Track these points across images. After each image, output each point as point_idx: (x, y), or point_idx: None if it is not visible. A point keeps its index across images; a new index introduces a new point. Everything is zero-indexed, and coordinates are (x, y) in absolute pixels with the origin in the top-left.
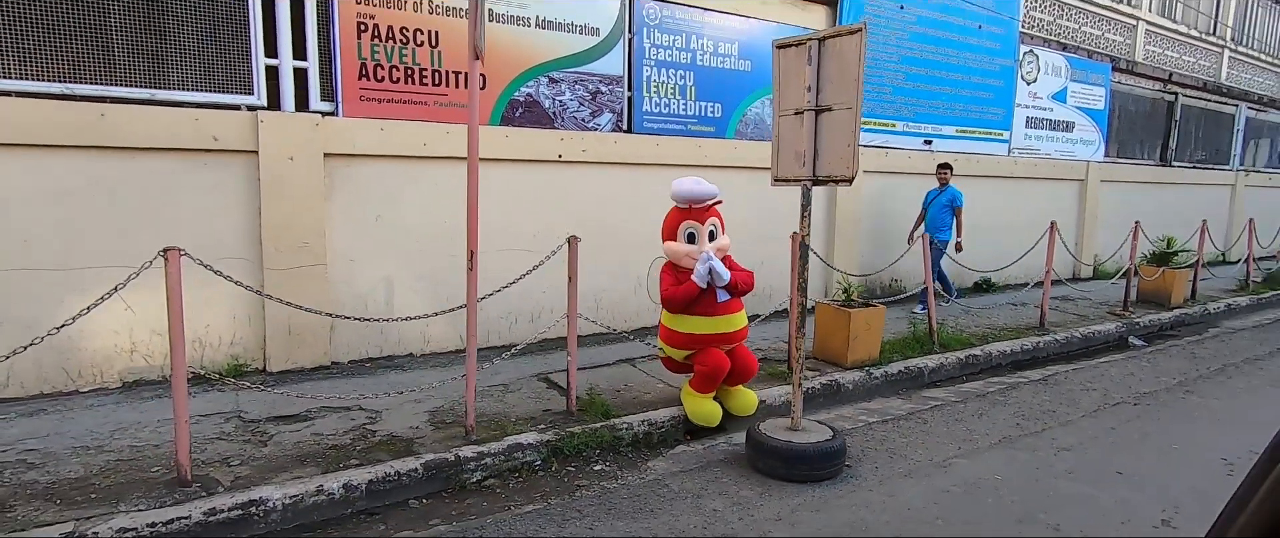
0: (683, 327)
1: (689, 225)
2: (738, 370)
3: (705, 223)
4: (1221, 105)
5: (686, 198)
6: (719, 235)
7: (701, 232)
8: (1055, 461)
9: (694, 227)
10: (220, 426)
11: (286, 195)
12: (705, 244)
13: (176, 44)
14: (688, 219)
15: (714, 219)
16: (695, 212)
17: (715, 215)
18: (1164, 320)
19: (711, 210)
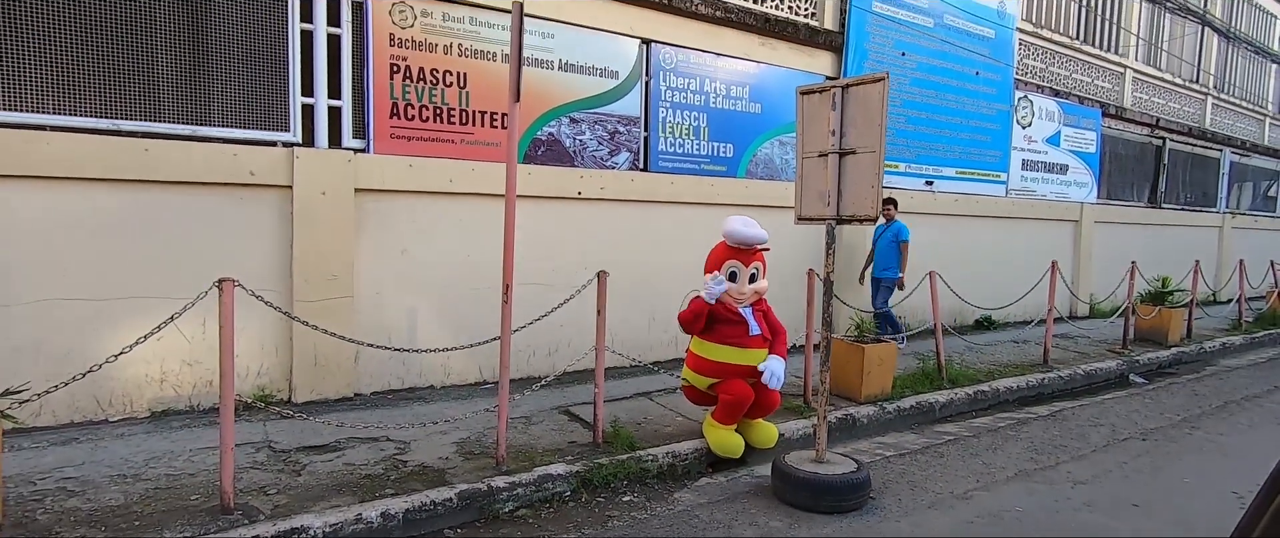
0: (711, 355)
1: (733, 264)
2: (760, 403)
3: (749, 265)
4: (1207, 150)
5: (740, 239)
6: (760, 278)
7: (744, 273)
8: (1072, 493)
9: (737, 266)
10: (252, 455)
11: (318, 229)
12: (745, 285)
13: (218, 83)
14: (734, 259)
15: (758, 263)
16: (743, 253)
17: (760, 259)
18: (1163, 358)
19: (758, 254)
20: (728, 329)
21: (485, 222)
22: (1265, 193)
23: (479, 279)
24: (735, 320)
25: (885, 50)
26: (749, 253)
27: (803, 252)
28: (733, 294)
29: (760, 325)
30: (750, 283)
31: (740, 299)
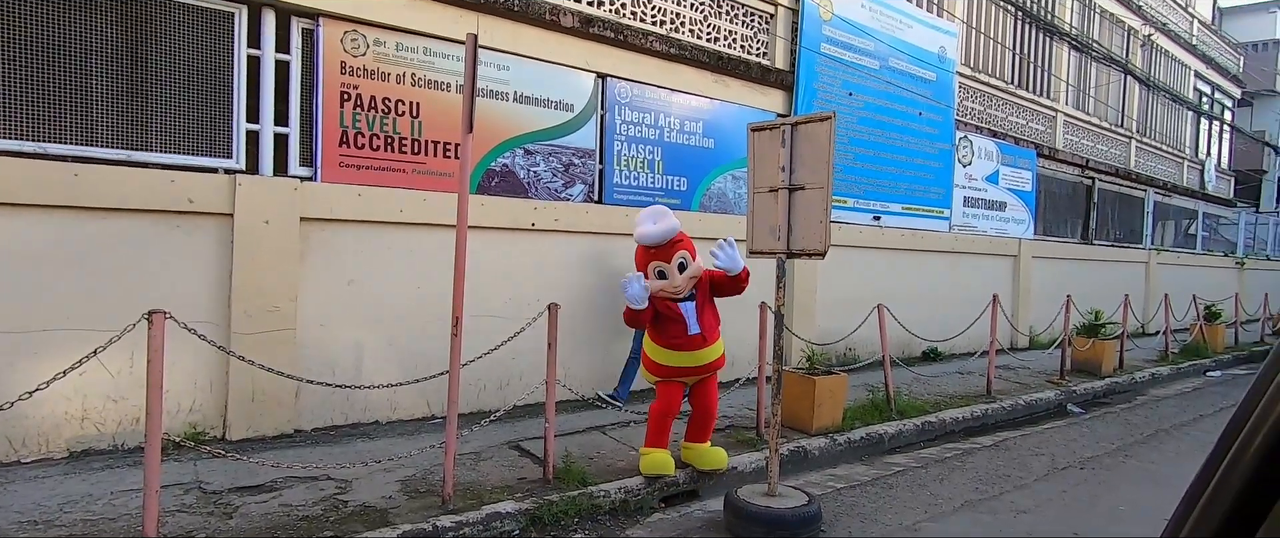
0: (653, 355)
1: (657, 265)
2: (698, 413)
3: (672, 259)
4: (1132, 189)
5: (651, 240)
6: (690, 264)
7: (670, 268)
8: (1015, 523)
9: (661, 265)
10: (179, 497)
11: (260, 259)
12: (677, 278)
13: (157, 107)
14: (655, 260)
15: (682, 252)
16: (661, 250)
17: (684, 247)
18: (1097, 388)
19: (678, 244)
20: (670, 327)
21: (436, 253)
22: (1186, 231)
23: (428, 312)
24: (675, 319)
25: (833, 90)
26: (668, 247)
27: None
28: (669, 291)
29: (703, 321)
30: (682, 273)
31: (678, 293)
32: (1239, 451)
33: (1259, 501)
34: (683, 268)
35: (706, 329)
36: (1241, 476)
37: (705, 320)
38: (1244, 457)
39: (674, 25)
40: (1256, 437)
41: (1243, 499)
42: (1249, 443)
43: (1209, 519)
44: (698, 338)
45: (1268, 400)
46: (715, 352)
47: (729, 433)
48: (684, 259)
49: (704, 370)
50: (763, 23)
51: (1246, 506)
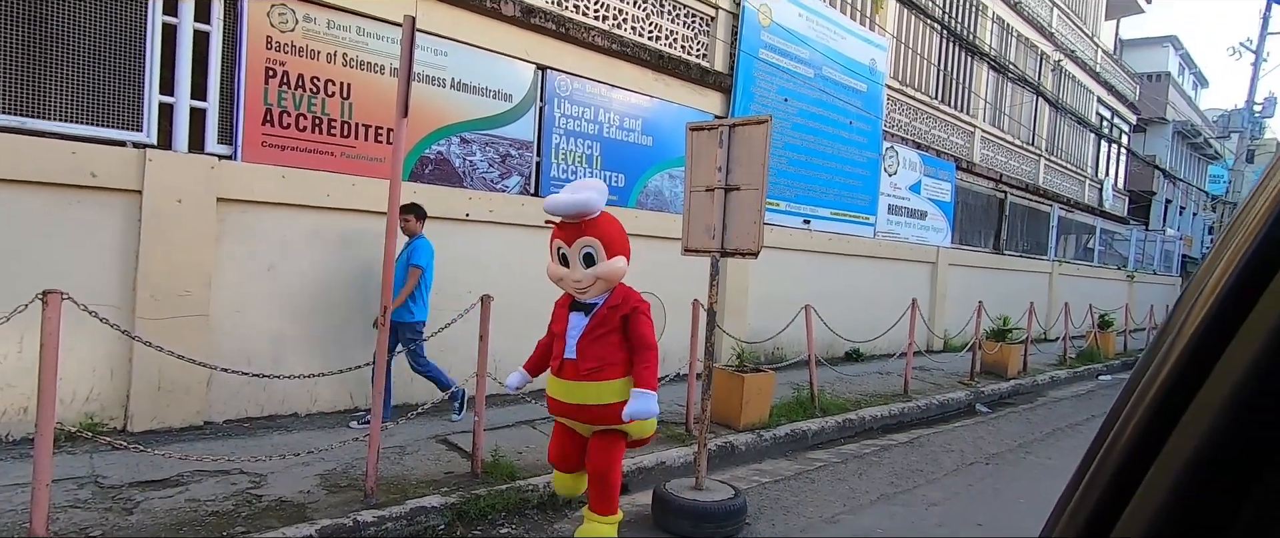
0: None
1: (557, 244)
2: (588, 471)
3: (574, 244)
4: (1040, 204)
5: (554, 210)
6: (601, 260)
7: (572, 254)
8: (927, 515)
9: (562, 247)
10: (73, 492)
11: (171, 240)
12: (579, 270)
13: (59, 71)
14: (557, 237)
15: (591, 240)
16: (565, 228)
17: (594, 235)
18: (1003, 390)
19: (587, 228)
20: (554, 341)
21: (364, 239)
22: (1085, 245)
23: (354, 301)
24: (558, 333)
25: (770, 95)
26: (574, 228)
27: (688, 283)
28: (569, 284)
29: (587, 348)
30: (588, 267)
31: (581, 293)
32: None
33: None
34: (590, 262)
35: (585, 358)
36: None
37: (590, 349)
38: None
39: (616, 21)
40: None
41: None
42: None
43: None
44: (569, 366)
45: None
46: (591, 393)
47: (659, 428)
48: (592, 251)
49: (577, 414)
50: (704, 25)
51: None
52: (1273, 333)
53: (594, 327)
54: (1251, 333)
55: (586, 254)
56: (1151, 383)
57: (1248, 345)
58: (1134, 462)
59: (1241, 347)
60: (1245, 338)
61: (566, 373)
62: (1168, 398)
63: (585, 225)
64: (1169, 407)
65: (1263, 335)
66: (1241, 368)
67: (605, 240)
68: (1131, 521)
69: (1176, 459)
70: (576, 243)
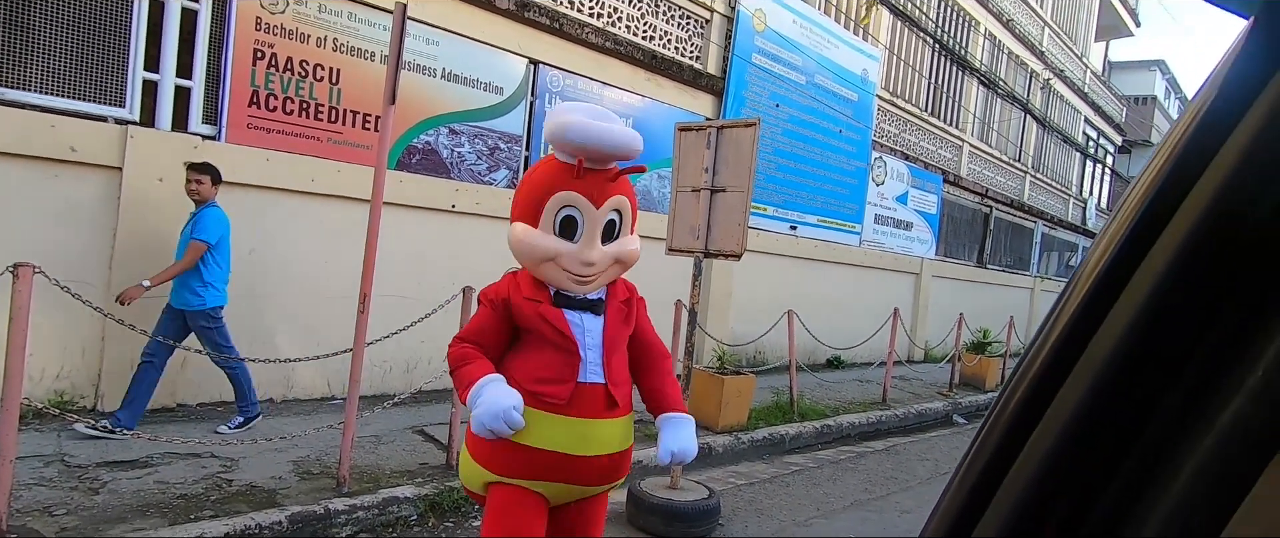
0: None
1: (567, 200)
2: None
3: (602, 204)
4: (1024, 220)
5: (586, 143)
6: (626, 231)
7: (591, 218)
8: (899, 521)
9: (576, 205)
10: (38, 470)
11: (150, 219)
12: (595, 247)
13: (40, 42)
14: (569, 189)
15: (623, 201)
16: (589, 178)
17: (628, 193)
18: (981, 402)
19: (620, 182)
20: (540, 357)
21: (347, 227)
22: (1067, 262)
23: (334, 287)
24: (556, 342)
25: (761, 100)
26: (601, 179)
27: (671, 283)
28: (570, 267)
29: (613, 367)
30: (610, 241)
31: (589, 277)
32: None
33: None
34: (613, 229)
35: (615, 380)
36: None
37: (614, 363)
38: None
39: (611, 19)
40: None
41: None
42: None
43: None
44: (594, 396)
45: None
46: (622, 435)
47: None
48: (618, 216)
49: (594, 473)
50: (698, 27)
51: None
52: (1128, 333)
53: (615, 331)
54: (1109, 333)
55: (610, 221)
56: (1021, 383)
57: (1105, 345)
58: (999, 461)
59: (1099, 346)
60: (1102, 338)
61: (591, 408)
62: (1032, 397)
63: (623, 178)
64: (1033, 406)
65: (1118, 335)
66: (1099, 366)
67: (633, 208)
68: (992, 518)
69: (1035, 457)
70: (606, 203)
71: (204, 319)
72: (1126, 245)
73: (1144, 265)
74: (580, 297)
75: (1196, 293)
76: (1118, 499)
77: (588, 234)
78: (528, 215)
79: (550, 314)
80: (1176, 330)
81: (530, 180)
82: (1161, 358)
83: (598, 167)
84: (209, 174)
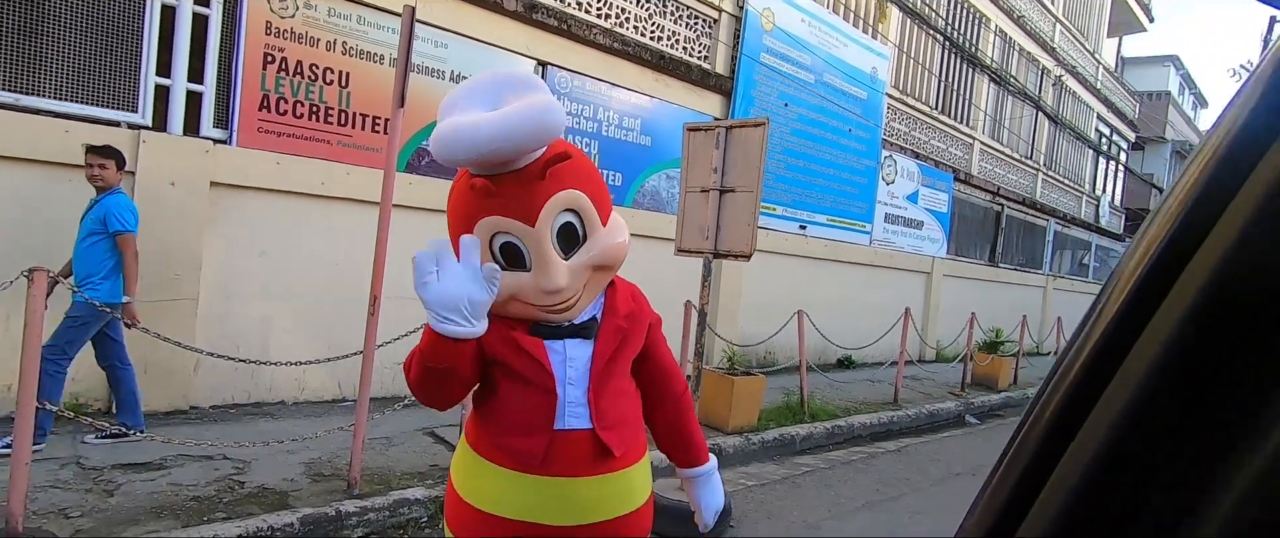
0: (467, 480)
1: (495, 226)
2: None
3: (539, 217)
4: (1036, 219)
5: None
6: (595, 228)
7: (534, 239)
8: (910, 523)
9: (507, 230)
10: (54, 472)
11: (162, 223)
12: (555, 265)
13: (53, 49)
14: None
15: (574, 196)
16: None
17: (576, 184)
18: (993, 402)
19: (555, 174)
20: (515, 401)
21: (356, 230)
22: (1080, 261)
23: (344, 290)
24: (529, 381)
25: (770, 99)
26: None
27: (680, 283)
28: (535, 301)
29: (604, 402)
30: (575, 249)
31: (568, 299)
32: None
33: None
34: (575, 234)
35: (608, 423)
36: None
37: (613, 405)
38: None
39: (619, 20)
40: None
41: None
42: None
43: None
44: (580, 443)
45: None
46: (624, 492)
47: None
48: (575, 220)
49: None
50: (706, 27)
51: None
52: (1177, 330)
53: (606, 358)
54: (1156, 331)
55: (565, 227)
56: (1063, 380)
57: (1152, 343)
58: (1043, 459)
59: (1147, 344)
60: (1151, 336)
61: (573, 462)
62: (1077, 394)
63: (553, 172)
64: (1078, 403)
65: (1167, 333)
66: (1146, 365)
67: (593, 194)
68: (1038, 518)
69: (1082, 456)
70: (543, 212)
71: (84, 309)
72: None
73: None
74: (565, 325)
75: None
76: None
77: (538, 258)
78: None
79: (526, 342)
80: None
81: (452, 210)
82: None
83: (507, 170)
84: (113, 158)
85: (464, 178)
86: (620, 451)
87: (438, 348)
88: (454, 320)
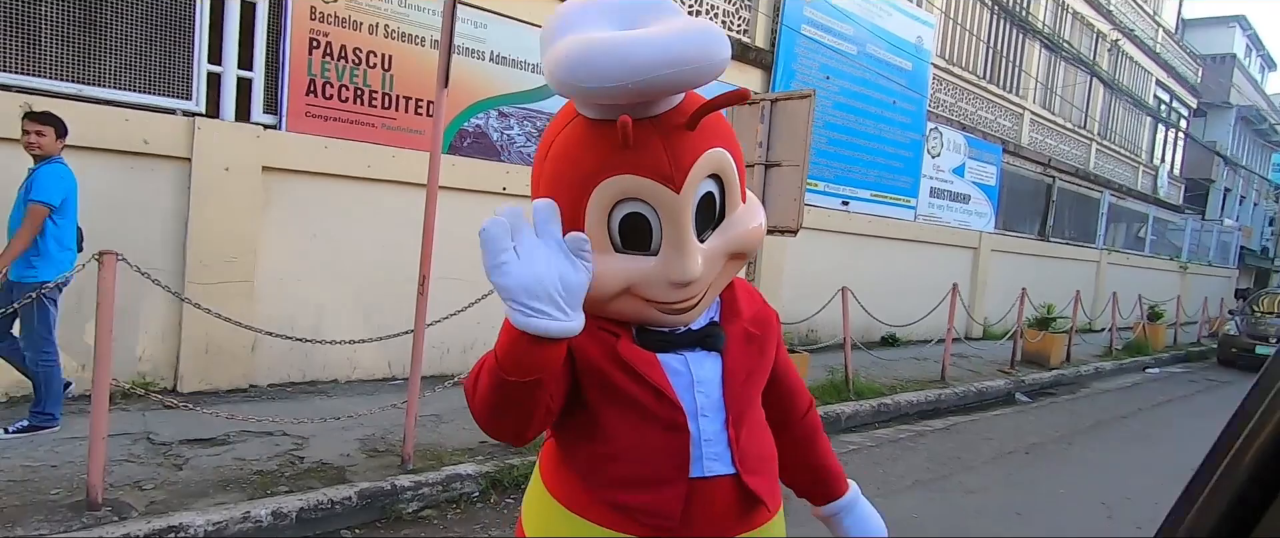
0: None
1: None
2: None
3: (686, 179)
4: (1090, 190)
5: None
6: (734, 205)
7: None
8: (964, 502)
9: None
10: (127, 447)
11: (218, 207)
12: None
13: (113, 40)
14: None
15: (722, 156)
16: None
17: (726, 144)
18: (1045, 379)
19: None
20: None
21: (403, 210)
22: (1136, 233)
23: (392, 270)
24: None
25: (811, 72)
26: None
27: None
28: (657, 295)
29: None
30: (711, 230)
31: (685, 303)
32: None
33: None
34: (712, 209)
35: (753, 464)
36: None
37: (747, 436)
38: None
39: None
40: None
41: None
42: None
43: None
44: (724, 494)
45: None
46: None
47: None
48: (719, 172)
49: None
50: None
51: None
52: None
53: (744, 374)
54: None
55: (704, 199)
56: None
57: None
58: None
59: None
60: None
61: (720, 522)
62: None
63: (711, 122)
64: None
65: None
66: None
67: (737, 157)
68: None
69: None
70: (691, 174)
71: (27, 292)
72: None
73: None
74: (680, 331)
75: None
76: None
77: (674, 237)
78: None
79: (635, 357)
80: None
81: (553, 170)
82: None
83: (656, 113)
84: (52, 125)
85: (579, 124)
86: (769, 499)
87: (521, 353)
88: (546, 312)
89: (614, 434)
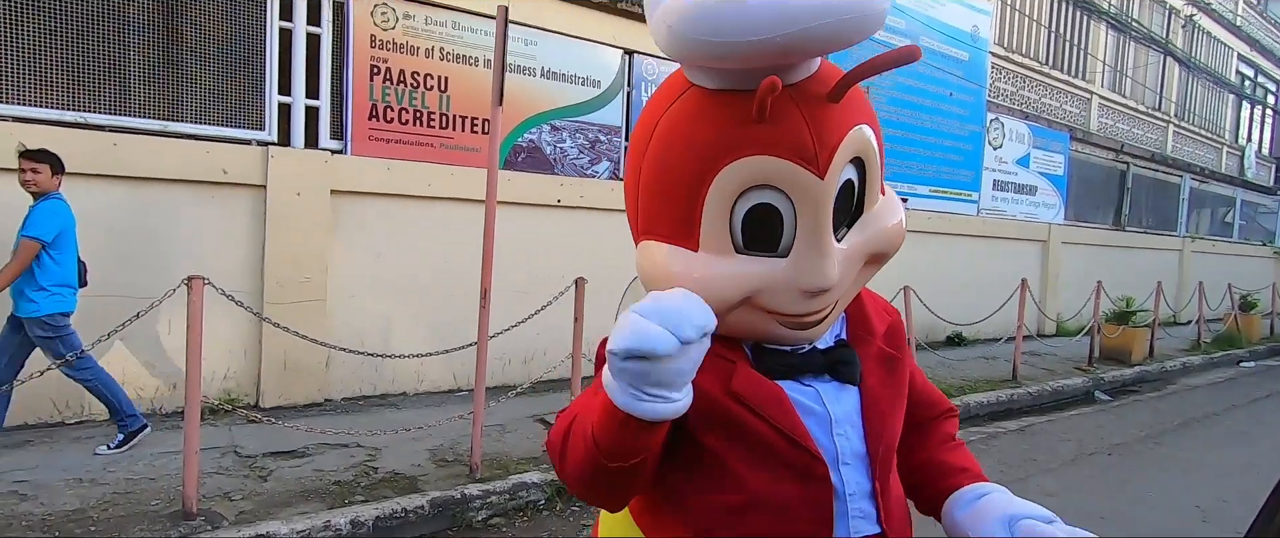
0: None
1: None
2: None
3: (831, 163)
4: (1168, 175)
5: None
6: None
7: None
8: (1043, 504)
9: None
10: (217, 460)
11: (292, 230)
12: (830, 247)
13: (192, 79)
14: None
15: (859, 135)
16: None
17: (862, 117)
18: (1127, 376)
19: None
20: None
21: (463, 227)
22: (1222, 218)
23: (455, 285)
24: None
25: None
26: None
27: None
28: (785, 308)
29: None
30: (847, 227)
31: (818, 314)
32: None
33: None
34: (851, 201)
35: (897, 519)
36: None
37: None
38: None
39: None
40: None
41: None
42: None
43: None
44: None
45: None
46: None
47: None
48: (862, 155)
49: None
50: None
51: None
52: None
53: (883, 407)
54: None
55: (844, 188)
56: None
57: None
58: None
59: None
60: None
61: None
62: None
63: (853, 96)
64: None
65: None
66: None
67: (880, 139)
68: None
69: None
70: (837, 156)
71: (40, 328)
72: None
73: None
74: (805, 348)
75: None
76: None
77: (811, 234)
78: (668, 224)
79: (759, 392)
80: None
81: (659, 154)
82: None
83: (794, 81)
84: (48, 162)
85: (697, 98)
86: None
87: (628, 437)
88: (662, 396)
89: (742, 483)
